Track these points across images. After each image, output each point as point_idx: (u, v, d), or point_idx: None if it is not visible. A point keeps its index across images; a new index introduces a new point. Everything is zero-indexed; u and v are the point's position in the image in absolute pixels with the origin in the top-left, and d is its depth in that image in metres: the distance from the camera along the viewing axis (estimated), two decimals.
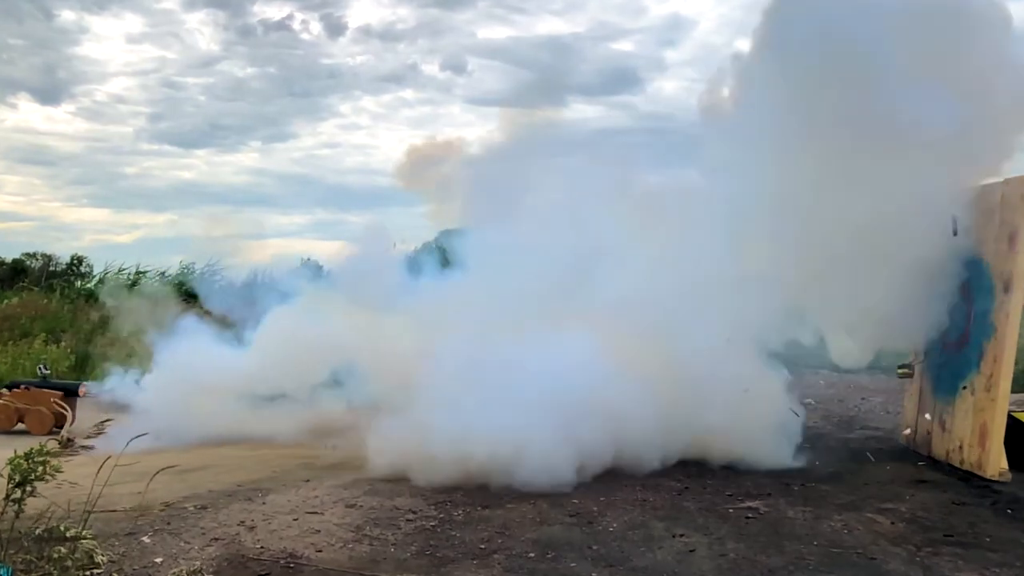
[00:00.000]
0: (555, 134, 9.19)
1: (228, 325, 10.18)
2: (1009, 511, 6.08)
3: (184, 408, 8.54)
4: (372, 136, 33.39)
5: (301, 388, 9.55)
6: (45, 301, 17.23)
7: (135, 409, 8.73)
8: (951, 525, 5.69)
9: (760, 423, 7.30)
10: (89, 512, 4.12)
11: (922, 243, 6.98)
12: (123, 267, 20.42)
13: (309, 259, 20.93)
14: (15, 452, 3.65)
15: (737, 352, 7.29)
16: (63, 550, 3.59)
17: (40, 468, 3.47)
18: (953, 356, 7.47)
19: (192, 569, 3.93)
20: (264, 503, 5.95)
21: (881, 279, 7.01)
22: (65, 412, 9.02)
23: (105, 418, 9.44)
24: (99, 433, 8.94)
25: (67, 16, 29.62)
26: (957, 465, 7.25)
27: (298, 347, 9.11)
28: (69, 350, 12.98)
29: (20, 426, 9.15)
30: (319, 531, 5.30)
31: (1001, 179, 7.12)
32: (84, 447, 8.22)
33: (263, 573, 4.56)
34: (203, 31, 30.49)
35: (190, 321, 9.84)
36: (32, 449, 3.58)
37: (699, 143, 8.44)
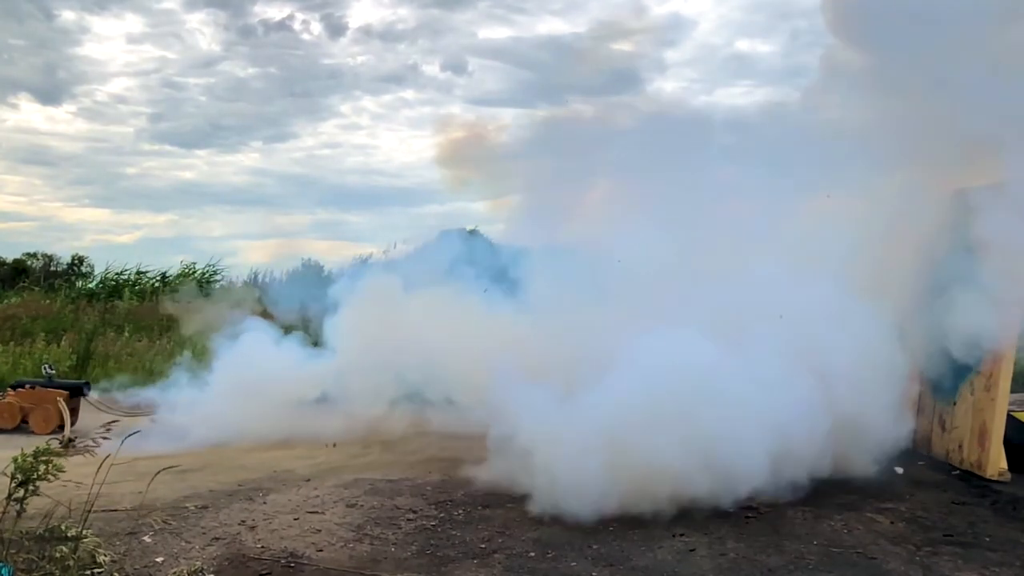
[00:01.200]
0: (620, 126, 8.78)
1: (292, 326, 10.06)
2: (1010, 511, 6.09)
3: (246, 411, 8.42)
4: (372, 136, 33.34)
5: (378, 394, 9.11)
6: (48, 302, 17.27)
7: (190, 411, 8.66)
8: (951, 525, 5.70)
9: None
10: (90, 511, 4.13)
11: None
12: (126, 267, 20.49)
13: (311, 259, 21.00)
14: (22, 451, 3.66)
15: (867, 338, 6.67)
16: (65, 549, 3.60)
17: (43, 467, 3.48)
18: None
19: (193, 568, 3.94)
20: (265, 503, 5.96)
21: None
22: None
23: (111, 419, 9.53)
24: (104, 436, 9.01)
25: (67, 16, 29.58)
26: (957, 465, 7.26)
27: (377, 351, 8.74)
28: (71, 350, 13.01)
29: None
30: (320, 530, 5.31)
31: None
32: (88, 450, 8.24)
33: (264, 572, 4.57)
34: (204, 31, 30.46)
35: (253, 323, 9.72)
36: (38, 448, 3.59)
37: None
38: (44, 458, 3.48)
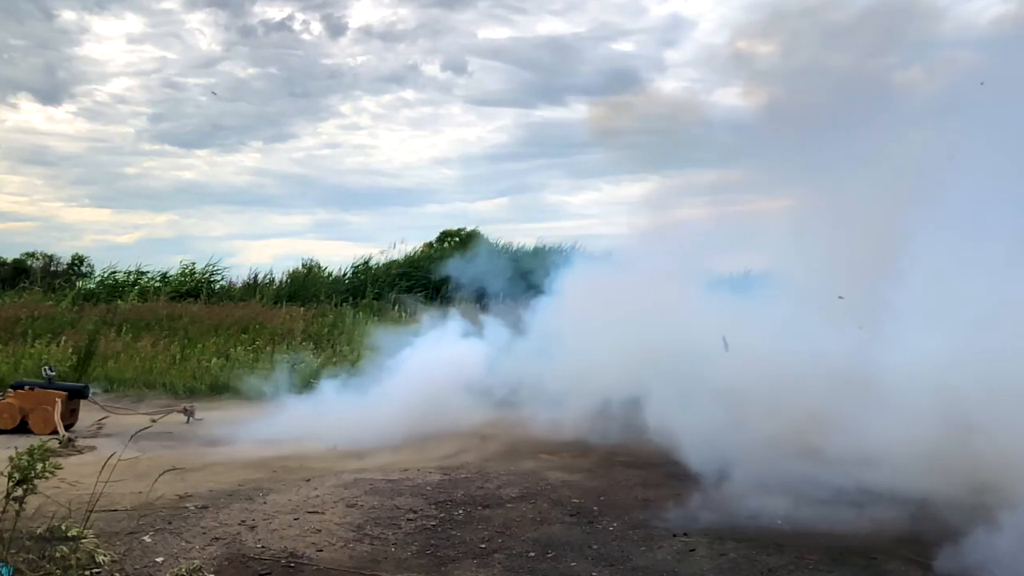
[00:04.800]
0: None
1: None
2: None
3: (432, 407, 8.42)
4: (372, 136, 33.39)
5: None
6: (50, 303, 17.30)
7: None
8: None
9: None
10: (90, 511, 4.13)
11: None
12: (128, 269, 20.54)
13: (311, 260, 20.99)
14: (16, 449, 3.66)
15: None
16: (65, 549, 3.60)
17: (40, 466, 3.47)
18: None
19: (191, 567, 3.94)
20: (265, 503, 5.96)
21: None
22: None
23: (102, 416, 9.53)
24: (96, 434, 9.04)
25: (68, 16, 29.66)
26: None
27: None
28: (71, 350, 13.02)
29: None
30: (320, 530, 5.31)
31: None
32: (88, 448, 8.28)
33: (264, 572, 4.57)
34: (204, 31, 30.53)
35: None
36: (32, 446, 3.59)
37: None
38: (40, 456, 3.48)
